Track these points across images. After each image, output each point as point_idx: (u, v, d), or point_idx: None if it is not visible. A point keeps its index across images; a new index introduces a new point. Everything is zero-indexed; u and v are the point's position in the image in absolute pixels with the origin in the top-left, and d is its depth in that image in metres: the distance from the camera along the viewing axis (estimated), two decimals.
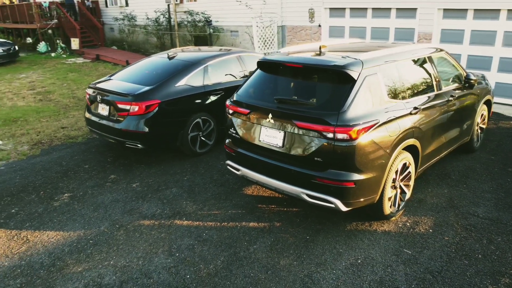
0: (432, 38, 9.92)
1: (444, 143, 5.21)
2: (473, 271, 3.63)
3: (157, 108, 5.81)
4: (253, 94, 4.52)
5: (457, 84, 5.49)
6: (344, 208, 3.93)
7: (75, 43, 17.92)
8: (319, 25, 12.01)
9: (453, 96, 5.18)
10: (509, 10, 8.57)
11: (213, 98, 6.41)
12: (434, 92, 4.91)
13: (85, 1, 19.99)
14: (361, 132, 3.77)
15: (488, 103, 6.44)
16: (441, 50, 5.41)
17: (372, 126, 3.87)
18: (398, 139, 4.15)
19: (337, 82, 4.01)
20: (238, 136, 4.58)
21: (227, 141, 4.83)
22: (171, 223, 4.55)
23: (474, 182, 5.38)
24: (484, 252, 3.89)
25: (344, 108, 3.79)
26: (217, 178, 5.65)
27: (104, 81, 6.60)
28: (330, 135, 3.76)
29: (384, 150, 3.99)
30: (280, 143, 4.13)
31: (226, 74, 6.71)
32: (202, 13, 15.10)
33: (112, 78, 6.68)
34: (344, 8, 11.48)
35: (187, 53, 7.12)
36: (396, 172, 4.31)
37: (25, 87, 12.01)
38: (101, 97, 6.11)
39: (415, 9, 10.12)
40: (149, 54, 15.05)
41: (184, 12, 15.72)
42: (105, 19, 20.55)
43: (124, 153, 6.58)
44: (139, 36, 18.51)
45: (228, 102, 4.70)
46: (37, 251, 4.09)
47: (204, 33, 14.92)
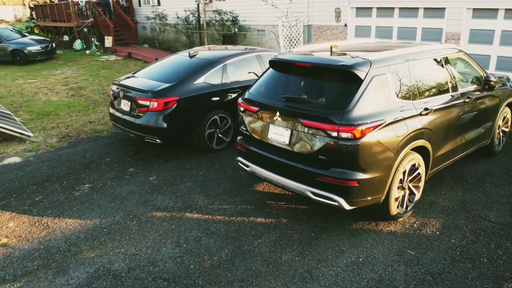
0: (461, 38, 9.69)
1: (459, 145, 5.13)
2: (475, 275, 3.59)
3: (175, 105, 6.01)
4: (264, 93, 4.61)
5: (476, 86, 5.38)
6: (347, 207, 3.97)
7: (108, 41, 18.55)
8: (345, 25, 11.94)
9: (470, 98, 5.09)
10: None
11: (231, 96, 6.55)
12: (449, 93, 4.84)
13: (120, 0, 20.64)
14: (366, 132, 3.80)
15: (511, 106, 6.26)
16: (460, 50, 5.32)
17: (378, 126, 3.88)
18: (406, 139, 4.14)
19: (344, 82, 4.05)
20: (248, 134, 4.69)
21: (238, 138, 4.95)
22: (182, 216, 4.72)
23: (490, 186, 5.27)
24: (490, 257, 3.84)
25: (349, 107, 3.83)
26: (231, 174, 5.78)
27: (128, 78, 6.87)
28: (335, 134, 3.81)
29: (390, 150, 4.00)
30: (287, 141, 4.21)
31: (245, 73, 6.83)
32: (230, 12, 15.31)
33: (135, 75, 6.94)
34: (370, 8, 11.36)
35: (207, 51, 7.29)
36: (404, 173, 4.30)
37: (60, 83, 12.57)
38: (123, 93, 6.38)
39: (443, 8, 9.91)
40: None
41: (213, 11, 15.98)
42: (138, 18, 21.14)
43: (144, 148, 6.83)
44: (169, 35, 18.95)
45: (240, 100, 4.82)
46: (55, 236, 4.36)
47: (231, 32, 15.12)
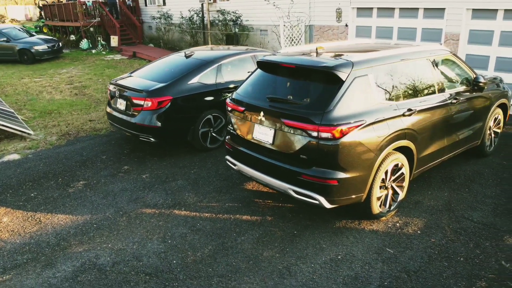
0: (460, 39, 9.67)
1: (446, 146, 5.17)
2: (450, 273, 3.65)
3: (169, 104, 6.13)
4: (251, 93, 4.71)
5: (464, 87, 5.41)
6: (328, 205, 4.05)
7: (114, 41, 18.78)
8: (346, 25, 11.98)
9: (457, 99, 5.12)
10: None
11: (225, 96, 6.64)
12: (435, 94, 4.89)
13: (126, 0, 20.87)
14: (346, 132, 3.87)
15: (504, 107, 6.27)
16: (448, 52, 5.35)
17: (358, 126, 3.96)
18: (387, 140, 4.20)
19: (326, 83, 4.13)
20: (235, 133, 4.80)
21: (227, 137, 5.05)
22: (170, 213, 4.84)
23: (477, 186, 5.30)
24: (467, 256, 3.89)
25: (329, 108, 3.91)
26: (222, 172, 5.89)
27: (124, 77, 7.01)
28: (315, 134, 3.89)
29: (370, 150, 4.07)
30: (270, 140, 4.30)
31: (239, 73, 6.92)
32: (233, 12, 15.42)
33: (132, 75, 7.08)
34: (371, 8, 11.38)
35: (203, 52, 7.39)
36: (386, 173, 4.36)
37: (64, 81, 12.79)
38: (119, 92, 6.52)
39: (443, 9, 9.89)
40: None
41: (217, 11, 16.10)
42: (144, 17, 21.36)
43: (140, 146, 6.97)
44: (174, 35, 19.12)
45: (228, 100, 4.92)
46: (46, 231, 4.50)
47: (234, 32, 15.22)
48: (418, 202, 4.95)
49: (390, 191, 4.53)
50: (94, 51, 18.88)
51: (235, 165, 4.87)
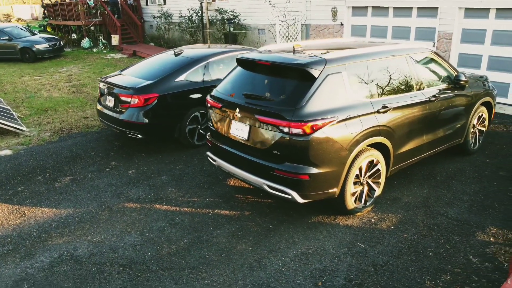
0: (453, 38, 9.69)
1: (425, 144, 5.21)
2: (416, 267, 3.71)
3: (156, 101, 6.23)
4: (229, 90, 4.79)
5: (446, 85, 5.45)
6: (300, 200, 4.13)
7: (115, 39, 18.96)
8: (341, 24, 12.02)
9: (436, 97, 5.17)
10: None
11: None
12: (413, 92, 4.94)
13: None
14: (316, 128, 3.95)
15: (488, 105, 6.29)
16: (428, 50, 5.40)
17: (330, 122, 4.03)
18: (360, 136, 4.26)
19: (299, 80, 4.20)
20: (214, 129, 4.89)
21: (208, 134, 5.14)
22: (151, 207, 4.94)
23: (458, 184, 5.35)
24: (436, 250, 3.95)
25: (301, 104, 3.98)
26: (207, 169, 5.98)
27: (114, 75, 7.13)
28: (286, 130, 3.97)
29: (343, 146, 4.14)
30: (246, 136, 4.38)
31: (227, 71, 6.99)
32: (231, 11, 15.50)
33: (122, 72, 7.19)
34: (366, 7, 11.42)
35: (192, 50, 7.49)
36: (361, 169, 4.43)
37: (63, 80, 12.97)
38: (108, 90, 6.63)
39: (436, 8, 9.91)
40: None
41: (215, 10, 16.20)
42: (145, 16, 21.52)
43: (129, 143, 7.08)
44: (174, 33, 19.26)
45: (208, 97, 5.01)
46: (29, 224, 4.62)
47: (234, 30, 15.30)
48: (396, 198, 5.01)
49: (366, 187, 4.60)
50: (95, 50, 19.07)
51: (215, 161, 4.96)
